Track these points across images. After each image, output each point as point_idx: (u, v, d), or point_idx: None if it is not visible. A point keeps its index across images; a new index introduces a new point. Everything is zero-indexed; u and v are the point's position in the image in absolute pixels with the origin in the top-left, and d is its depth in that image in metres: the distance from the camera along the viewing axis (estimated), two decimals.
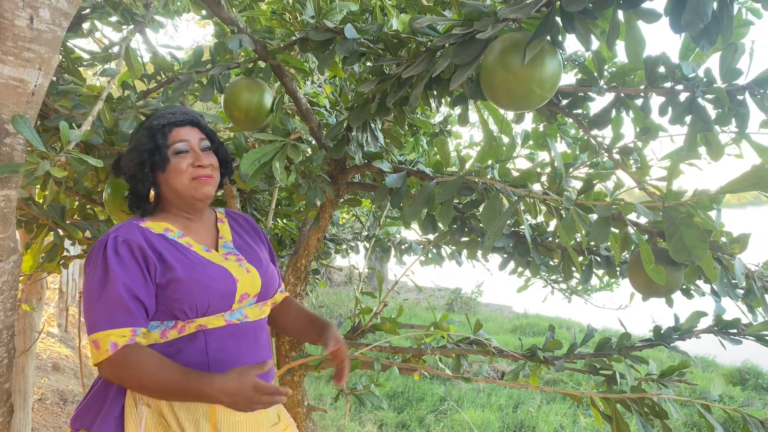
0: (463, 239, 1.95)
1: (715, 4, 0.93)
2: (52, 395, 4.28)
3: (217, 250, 1.38)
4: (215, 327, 1.27)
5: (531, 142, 1.85)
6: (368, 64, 1.78)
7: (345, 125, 1.83)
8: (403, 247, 2.99)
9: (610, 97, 1.46)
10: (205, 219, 1.43)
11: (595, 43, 1.15)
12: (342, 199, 2.10)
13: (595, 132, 1.54)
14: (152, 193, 1.33)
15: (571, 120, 1.56)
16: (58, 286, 6.05)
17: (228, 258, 1.36)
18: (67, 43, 1.87)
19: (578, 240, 1.88)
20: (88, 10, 1.71)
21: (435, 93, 1.52)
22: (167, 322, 1.24)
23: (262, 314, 1.42)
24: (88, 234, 1.87)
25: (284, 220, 2.70)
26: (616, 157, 1.60)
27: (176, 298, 1.21)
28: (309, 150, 1.93)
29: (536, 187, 1.55)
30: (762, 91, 1.26)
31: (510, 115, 1.72)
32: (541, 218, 1.76)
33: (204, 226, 1.41)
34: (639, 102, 1.42)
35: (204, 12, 1.80)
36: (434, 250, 2.69)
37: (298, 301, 1.69)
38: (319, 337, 1.45)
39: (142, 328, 1.18)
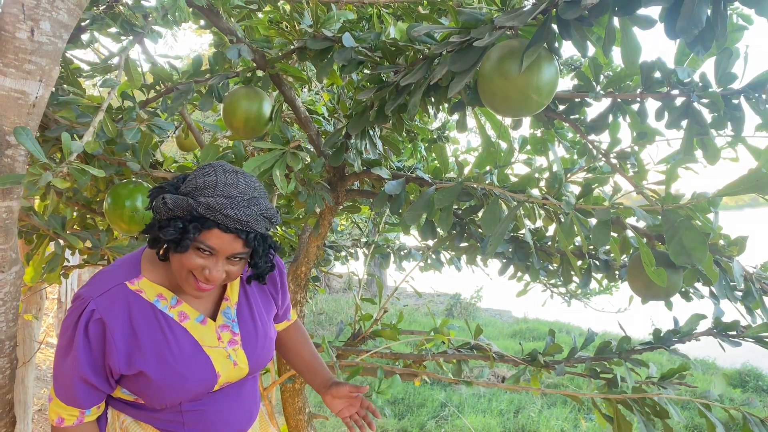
0: (463, 245, 1.95)
1: (709, 10, 0.95)
2: None
3: (214, 319, 1.25)
4: None
5: (529, 148, 1.86)
6: (366, 72, 1.79)
7: (344, 133, 1.84)
8: (402, 253, 2.99)
9: (606, 102, 1.47)
10: None
11: (592, 50, 1.16)
12: (341, 206, 2.11)
13: (592, 137, 1.55)
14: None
15: (568, 125, 1.57)
16: (57, 296, 6.04)
17: (222, 337, 1.23)
18: (67, 54, 1.88)
19: (577, 244, 1.89)
20: (87, 22, 1.72)
21: (433, 100, 1.53)
22: (138, 396, 1.20)
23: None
24: (88, 244, 1.87)
25: (284, 228, 2.71)
26: (614, 161, 1.61)
27: (147, 393, 1.16)
28: (308, 158, 1.94)
29: (535, 192, 1.56)
30: (757, 94, 1.27)
31: (508, 120, 1.74)
32: (540, 223, 1.77)
33: None
34: (635, 107, 1.43)
35: (202, 22, 1.81)
36: (433, 256, 2.69)
37: (304, 331, 1.56)
38: (321, 387, 1.42)
39: (94, 407, 1.18)
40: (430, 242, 2.16)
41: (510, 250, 1.93)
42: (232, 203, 1.07)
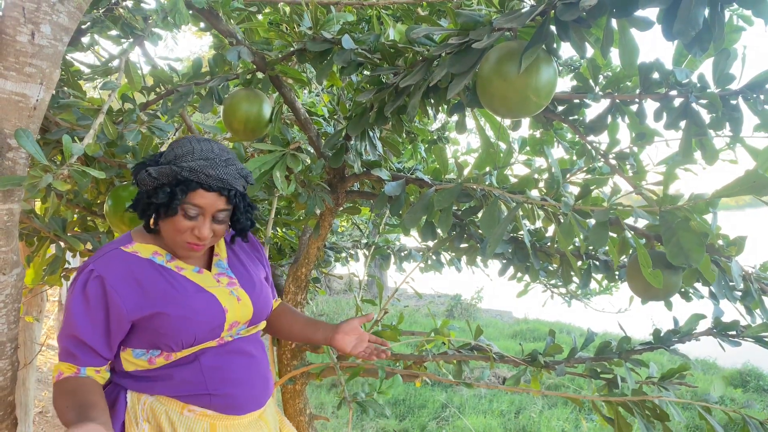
0: (463, 246, 1.96)
1: (706, 12, 0.95)
2: (53, 408, 4.27)
3: (209, 269, 1.34)
4: (207, 347, 1.28)
5: (528, 149, 1.86)
6: (366, 73, 1.79)
7: (343, 134, 1.84)
8: (402, 254, 3.00)
9: (605, 103, 1.47)
10: None
11: (590, 51, 1.16)
12: (341, 208, 2.11)
13: (591, 138, 1.55)
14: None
15: (567, 126, 1.58)
16: (58, 298, 6.04)
17: (220, 281, 1.32)
18: (67, 57, 1.89)
19: (577, 245, 1.89)
20: (88, 24, 1.72)
21: (432, 101, 1.53)
22: (153, 350, 1.24)
23: (256, 329, 1.41)
24: (89, 246, 1.88)
25: (284, 229, 2.71)
26: (613, 162, 1.62)
27: (161, 332, 1.20)
28: (308, 159, 1.94)
29: (534, 193, 1.56)
30: (755, 95, 1.27)
31: (507, 121, 1.74)
32: (539, 224, 1.77)
33: None
34: (634, 108, 1.43)
35: (202, 24, 1.81)
36: (434, 257, 2.69)
37: (293, 307, 1.67)
38: (328, 332, 1.45)
39: (89, 367, 1.22)
40: (430, 243, 2.17)
41: (510, 250, 1.93)
42: (211, 164, 1.19)
